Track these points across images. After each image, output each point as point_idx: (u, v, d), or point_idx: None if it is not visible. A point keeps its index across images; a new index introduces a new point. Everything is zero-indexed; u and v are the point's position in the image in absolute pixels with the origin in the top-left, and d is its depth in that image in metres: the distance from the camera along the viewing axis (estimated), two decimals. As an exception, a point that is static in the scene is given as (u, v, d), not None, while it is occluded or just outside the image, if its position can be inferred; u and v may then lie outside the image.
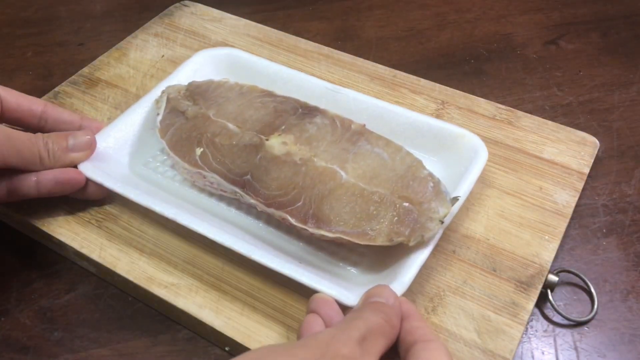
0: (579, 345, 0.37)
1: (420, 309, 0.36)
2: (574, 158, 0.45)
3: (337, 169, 0.38)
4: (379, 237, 0.35)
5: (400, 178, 0.37)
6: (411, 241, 0.35)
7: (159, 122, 0.43)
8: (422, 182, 0.37)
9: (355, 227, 0.36)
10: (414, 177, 0.37)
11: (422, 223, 0.35)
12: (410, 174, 0.37)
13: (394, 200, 0.36)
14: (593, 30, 0.59)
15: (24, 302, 0.40)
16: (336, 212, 0.36)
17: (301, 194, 0.37)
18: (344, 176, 0.37)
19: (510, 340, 0.35)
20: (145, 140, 0.45)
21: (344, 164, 0.38)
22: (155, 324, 0.39)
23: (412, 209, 0.36)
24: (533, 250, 0.39)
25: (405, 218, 0.35)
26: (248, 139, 0.40)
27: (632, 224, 0.43)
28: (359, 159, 0.38)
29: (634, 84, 0.53)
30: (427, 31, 0.60)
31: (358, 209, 0.36)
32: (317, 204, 0.37)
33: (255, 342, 0.35)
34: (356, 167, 0.38)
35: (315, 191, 0.37)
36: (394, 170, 0.38)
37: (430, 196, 0.36)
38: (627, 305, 0.39)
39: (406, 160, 0.38)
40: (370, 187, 0.37)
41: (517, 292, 0.37)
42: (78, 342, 0.38)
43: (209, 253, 0.39)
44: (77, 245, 0.40)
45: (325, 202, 0.37)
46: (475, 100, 0.49)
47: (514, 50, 0.57)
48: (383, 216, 0.36)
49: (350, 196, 0.37)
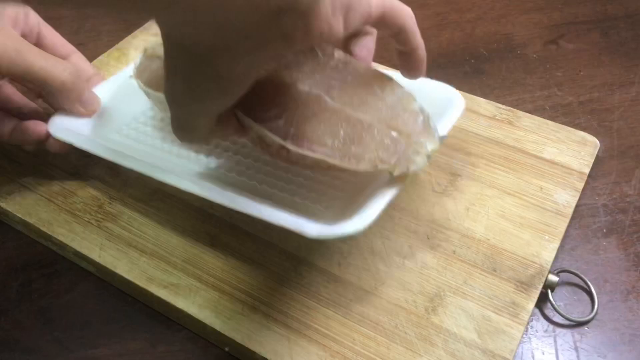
0: (579, 345, 0.37)
1: (420, 309, 0.36)
2: (574, 158, 0.45)
3: (322, 94, 0.35)
4: (363, 162, 0.33)
5: (389, 108, 0.35)
6: (395, 171, 0.33)
7: (135, 67, 0.43)
8: (412, 115, 0.35)
9: (339, 150, 0.33)
10: (404, 108, 0.35)
11: (408, 155, 0.34)
12: (401, 105, 0.35)
13: (382, 128, 0.34)
14: (593, 30, 0.59)
15: (24, 302, 0.40)
16: (319, 134, 0.34)
17: (282, 113, 0.34)
18: (329, 101, 0.35)
19: (511, 340, 0.35)
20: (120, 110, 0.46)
21: (329, 91, 0.36)
22: (155, 324, 0.39)
23: (399, 139, 0.34)
24: (533, 250, 0.39)
25: (392, 147, 0.34)
26: None
27: (633, 224, 0.43)
28: (346, 87, 0.36)
29: (634, 84, 0.53)
30: (427, 31, 0.60)
31: (343, 133, 0.34)
32: (300, 124, 0.34)
33: (255, 342, 0.35)
34: (343, 94, 0.36)
35: (298, 113, 0.34)
36: (383, 100, 0.36)
37: (419, 130, 0.34)
38: (627, 305, 0.39)
39: (396, 92, 0.36)
40: (357, 114, 0.35)
41: (518, 292, 0.37)
42: (78, 342, 0.38)
43: (209, 253, 0.39)
44: (77, 245, 0.40)
45: (308, 123, 0.34)
46: (475, 100, 0.49)
47: (514, 50, 0.57)
48: (369, 142, 0.34)
49: (336, 120, 0.34)
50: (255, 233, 0.40)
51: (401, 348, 0.35)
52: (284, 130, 0.34)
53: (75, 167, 0.45)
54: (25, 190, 0.43)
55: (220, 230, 0.41)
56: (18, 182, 0.44)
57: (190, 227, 0.41)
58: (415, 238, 0.40)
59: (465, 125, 0.47)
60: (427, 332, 0.35)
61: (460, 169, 0.44)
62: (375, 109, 0.35)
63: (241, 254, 0.39)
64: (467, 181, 0.43)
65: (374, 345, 0.35)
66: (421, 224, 0.41)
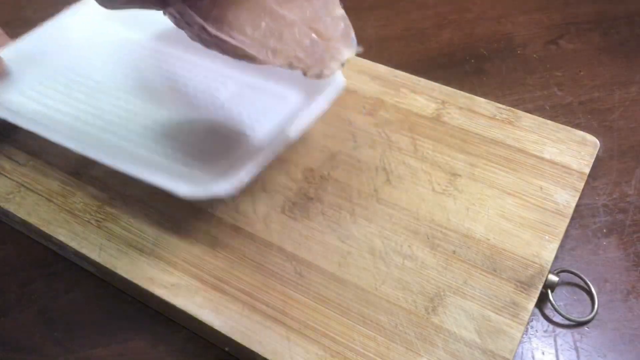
0: (579, 345, 0.37)
1: (420, 309, 0.36)
2: (574, 158, 0.45)
3: None
4: (279, 58, 0.34)
5: (314, 10, 0.36)
6: (309, 72, 0.34)
7: None
8: (334, 20, 0.36)
9: (258, 42, 0.34)
10: (329, 13, 0.36)
11: (325, 59, 0.35)
12: (326, 9, 0.36)
13: (304, 28, 0.35)
14: (593, 30, 0.59)
15: (24, 302, 0.40)
16: (241, 21, 0.34)
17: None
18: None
19: (511, 340, 0.35)
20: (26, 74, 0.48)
21: None
22: (155, 324, 0.39)
23: (319, 42, 0.35)
24: (533, 250, 0.39)
25: (310, 49, 0.34)
26: None
27: (633, 224, 0.43)
28: None
29: (635, 84, 0.53)
30: (427, 31, 0.60)
31: (264, 26, 0.34)
32: (223, 8, 0.34)
33: (255, 342, 0.35)
34: None
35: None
36: (309, 1, 0.36)
37: (339, 36, 0.35)
38: (627, 305, 0.39)
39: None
40: (281, 10, 0.35)
41: (518, 292, 0.37)
42: (78, 342, 0.38)
43: (209, 253, 0.39)
44: (77, 245, 0.40)
45: (231, 9, 0.34)
46: (475, 100, 0.49)
47: (514, 50, 0.57)
48: (288, 40, 0.34)
49: (260, 11, 0.34)
50: (256, 233, 0.40)
51: (401, 348, 0.35)
52: (206, 11, 0.34)
53: (75, 167, 0.45)
54: (25, 190, 0.43)
55: (220, 230, 0.41)
56: (18, 182, 0.44)
57: (190, 227, 0.41)
58: (415, 238, 0.40)
59: (465, 125, 0.47)
60: (427, 332, 0.35)
61: (460, 169, 0.44)
62: (300, 8, 0.35)
63: (241, 254, 0.39)
64: (467, 181, 0.43)
65: (374, 345, 0.35)
66: (421, 224, 0.41)
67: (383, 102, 0.49)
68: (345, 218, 0.41)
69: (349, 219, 0.41)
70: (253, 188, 0.43)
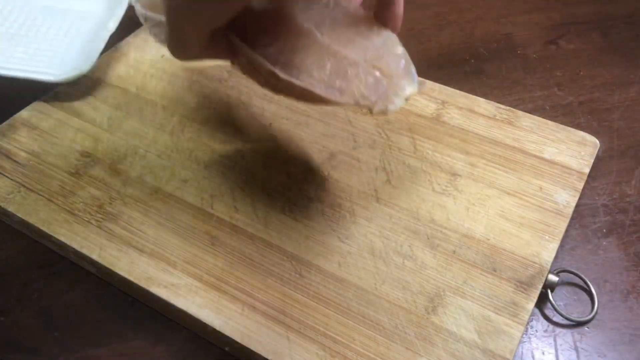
0: (579, 345, 0.37)
1: (420, 309, 0.36)
2: (574, 158, 0.45)
3: (313, 29, 0.37)
4: (346, 95, 0.35)
5: (375, 49, 0.37)
6: (375, 108, 0.35)
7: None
8: (395, 58, 0.37)
9: (324, 82, 0.35)
10: (389, 51, 0.37)
11: (389, 95, 0.35)
12: (386, 47, 0.37)
13: (367, 67, 0.36)
14: (593, 30, 0.59)
15: (24, 302, 0.40)
16: (307, 65, 0.36)
17: (274, 41, 0.37)
18: (319, 36, 0.37)
19: (511, 340, 0.35)
20: None
21: (320, 26, 0.38)
22: (155, 324, 0.39)
23: (382, 79, 0.36)
24: (533, 250, 0.39)
25: (374, 86, 0.36)
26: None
27: (632, 224, 0.43)
28: (335, 24, 0.38)
29: (634, 84, 0.53)
30: (427, 31, 0.60)
31: (329, 67, 0.36)
32: (289, 54, 0.36)
33: (255, 342, 0.35)
34: (332, 31, 0.38)
35: (289, 43, 0.37)
36: (370, 40, 0.38)
37: (401, 73, 0.36)
38: (627, 305, 0.39)
39: (382, 34, 0.38)
40: (344, 51, 0.36)
41: (517, 292, 0.37)
42: (78, 342, 0.38)
43: (209, 253, 0.39)
44: (77, 245, 0.40)
45: (297, 54, 0.36)
46: (475, 100, 0.49)
47: (514, 50, 0.57)
48: (353, 78, 0.36)
49: (324, 54, 0.36)
50: (256, 233, 0.40)
51: (401, 348, 0.35)
52: (274, 58, 0.36)
53: (75, 167, 0.45)
54: (25, 190, 0.43)
55: (220, 230, 0.41)
56: (18, 182, 0.44)
57: (190, 227, 0.41)
58: (415, 238, 0.40)
59: (465, 126, 0.47)
60: (427, 332, 0.35)
61: (460, 169, 0.44)
62: (362, 48, 0.37)
63: (241, 254, 0.39)
64: (467, 181, 0.43)
65: (374, 345, 0.35)
66: (421, 224, 0.41)
67: (383, 102, 0.49)
68: (345, 218, 0.41)
69: (349, 219, 0.41)
70: (253, 188, 0.43)
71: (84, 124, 0.48)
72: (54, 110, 0.49)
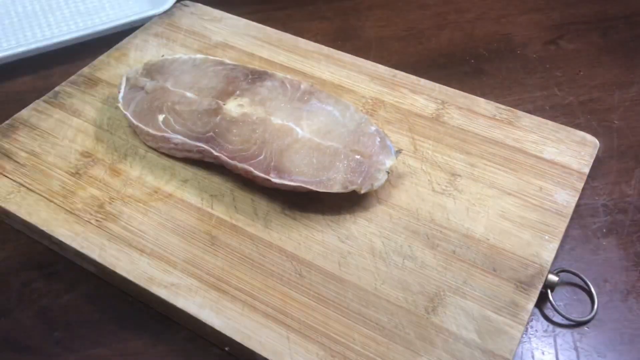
0: (579, 345, 0.37)
1: (420, 309, 0.36)
2: (574, 158, 0.45)
3: (293, 126, 0.42)
4: (336, 185, 0.39)
5: (351, 133, 0.42)
6: (362, 189, 0.39)
7: (120, 98, 0.47)
8: (370, 137, 0.42)
9: (314, 177, 0.40)
10: (363, 132, 0.42)
11: (372, 173, 0.40)
12: (360, 130, 0.42)
13: (347, 153, 0.41)
14: (593, 30, 0.59)
15: (24, 302, 0.40)
16: (295, 164, 0.40)
17: (262, 148, 0.41)
18: (300, 132, 0.42)
19: (511, 340, 0.35)
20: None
21: (298, 121, 0.43)
22: (155, 324, 0.39)
23: (363, 161, 0.40)
24: (533, 250, 0.39)
25: (358, 169, 0.40)
26: (207, 104, 0.45)
27: (632, 224, 0.43)
28: (312, 117, 0.43)
29: (634, 84, 0.53)
30: (427, 31, 0.60)
31: (315, 161, 0.40)
32: (277, 157, 0.41)
33: (255, 342, 0.35)
34: (310, 123, 0.43)
35: (275, 146, 0.41)
36: (345, 126, 0.42)
37: (378, 150, 0.41)
38: (627, 305, 0.39)
39: (355, 117, 0.43)
40: (325, 142, 0.41)
41: (517, 292, 0.37)
42: (78, 342, 0.38)
43: (209, 253, 0.39)
44: (77, 245, 0.40)
45: (284, 155, 0.41)
46: (475, 100, 0.49)
47: (514, 50, 0.57)
48: (338, 167, 0.40)
49: (308, 149, 0.41)
50: (256, 233, 0.40)
51: (401, 348, 0.35)
52: (265, 164, 0.41)
53: (75, 167, 0.45)
54: (25, 190, 0.43)
55: (220, 230, 0.41)
56: (18, 182, 0.44)
57: (190, 227, 0.41)
58: (415, 238, 0.40)
59: (465, 126, 0.47)
60: (427, 332, 0.35)
61: (460, 169, 0.44)
62: (339, 135, 0.42)
63: (241, 254, 0.39)
64: (467, 181, 0.43)
65: (374, 345, 0.35)
66: (421, 224, 0.41)
67: (383, 102, 0.49)
68: (345, 218, 0.41)
69: (349, 219, 0.41)
70: (253, 188, 0.43)
71: (84, 124, 0.48)
72: (54, 110, 0.49)
